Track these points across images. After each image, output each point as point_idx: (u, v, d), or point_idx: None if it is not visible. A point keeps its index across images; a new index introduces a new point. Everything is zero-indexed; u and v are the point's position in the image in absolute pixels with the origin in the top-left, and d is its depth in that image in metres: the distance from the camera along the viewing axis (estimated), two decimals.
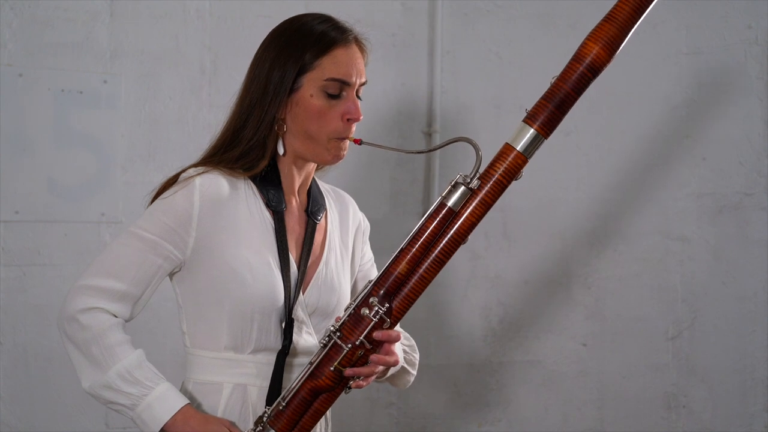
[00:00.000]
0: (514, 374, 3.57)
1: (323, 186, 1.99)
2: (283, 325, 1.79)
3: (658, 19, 3.55)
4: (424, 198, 3.50)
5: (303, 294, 1.83)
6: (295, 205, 1.87)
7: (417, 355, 1.98)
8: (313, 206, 1.89)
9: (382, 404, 3.47)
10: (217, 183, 1.77)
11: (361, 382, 1.71)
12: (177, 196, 1.75)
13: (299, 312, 1.82)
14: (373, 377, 1.75)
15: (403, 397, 3.48)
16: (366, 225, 2.04)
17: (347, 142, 1.81)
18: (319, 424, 1.82)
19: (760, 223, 3.59)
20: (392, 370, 1.85)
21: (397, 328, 1.96)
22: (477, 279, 3.54)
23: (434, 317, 3.50)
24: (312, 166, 1.88)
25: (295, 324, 1.81)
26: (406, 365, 1.93)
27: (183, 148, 3.13)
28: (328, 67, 1.77)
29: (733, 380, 3.60)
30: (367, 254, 2.04)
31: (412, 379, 1.98)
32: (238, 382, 1.79)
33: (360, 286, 1.98)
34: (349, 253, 1.97)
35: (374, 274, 1.99)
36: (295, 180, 1.86)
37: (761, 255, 3.59)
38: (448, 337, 3.54)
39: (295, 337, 1.80)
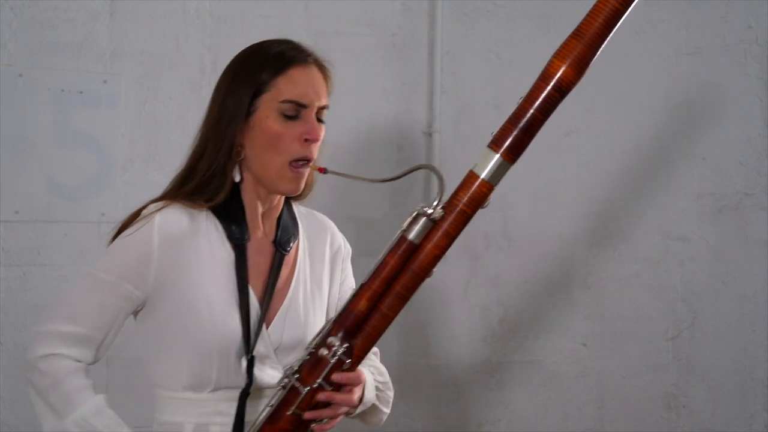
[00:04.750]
0: (514, 374, 3.57)
1: (299, 210, 1.90)
2: (244, 363, 1.71)
3: (658, 19, 3.55)
4: (423, 198, 3.50)
5: (267, 329, 1.75)
6: (260, 236, 1.79)
7: (391, 393, 1.88)
8: (282, 236, 1.80)
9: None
10: (176, 219, 1.72)
11: (324, 425, 1.65)
12: (136, 234, 1.70)
13: (261, 348, 1.73)
14: (339, 418, 1.69)
15: (404, 397, 3.47)
16: (347, 249, 1.94)
17: (308, 170, 1.74)
18: None
19: (760, 223, 3.58)
20: (361, 408, 1.75)
21: (375, 362, 1.88)
22: (477, 279, 3.54)
23: (434, 317, 3.50)
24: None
25: (259, 360, 1.72)
26: (377, 403, 1.83)
27: (183, 148, 3.07)
28: (283, 88, 1.71)
29: (733, 380, 3.60)
30: (348, 281, 1.93)
31: (384, 417, 1.87)
32: (200, 422, 1.72)
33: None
34: (323, 284, 1.87)
35: None
36: (258, 209, 1.78)
37: (761, 255, 3.59)
38: (448, 337, 3.54)
39: (258, 373, 1.72)
